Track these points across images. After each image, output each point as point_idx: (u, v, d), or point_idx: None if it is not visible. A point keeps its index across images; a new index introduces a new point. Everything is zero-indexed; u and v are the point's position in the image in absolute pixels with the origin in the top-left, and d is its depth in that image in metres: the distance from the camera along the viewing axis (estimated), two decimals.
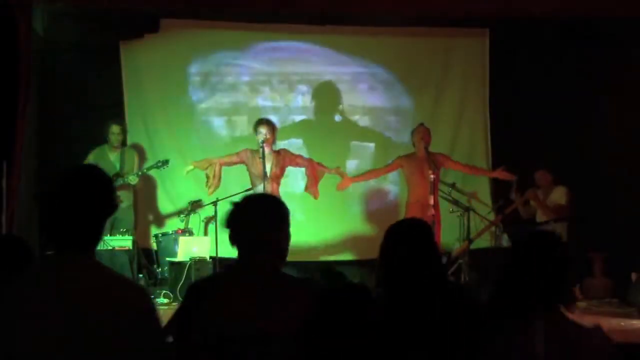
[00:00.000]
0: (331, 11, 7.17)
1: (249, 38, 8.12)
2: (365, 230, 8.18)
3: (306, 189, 7.14)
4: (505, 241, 7.28)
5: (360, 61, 8.27)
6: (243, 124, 8.09)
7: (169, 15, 7.80)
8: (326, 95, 8.26)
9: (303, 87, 8.26)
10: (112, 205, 2.02)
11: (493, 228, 7.37)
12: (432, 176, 6.73)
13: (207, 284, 2.60)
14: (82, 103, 7.44)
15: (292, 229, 2.59)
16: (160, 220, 8.00)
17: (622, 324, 5.93)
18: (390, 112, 8.32)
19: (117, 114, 7.69)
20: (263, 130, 6.77)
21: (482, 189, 7.99)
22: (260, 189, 6.72)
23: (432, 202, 6.74)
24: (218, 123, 8.18)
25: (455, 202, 7.31)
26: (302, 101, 8.27)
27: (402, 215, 7.46)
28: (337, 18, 7.86)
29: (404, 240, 2.69)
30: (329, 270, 2.94)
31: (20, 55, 6.25)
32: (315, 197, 7.13)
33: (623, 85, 7.55)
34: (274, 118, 7.40)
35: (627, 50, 7.47)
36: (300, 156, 7.21)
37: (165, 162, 7.32)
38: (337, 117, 8.34)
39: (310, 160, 7.20)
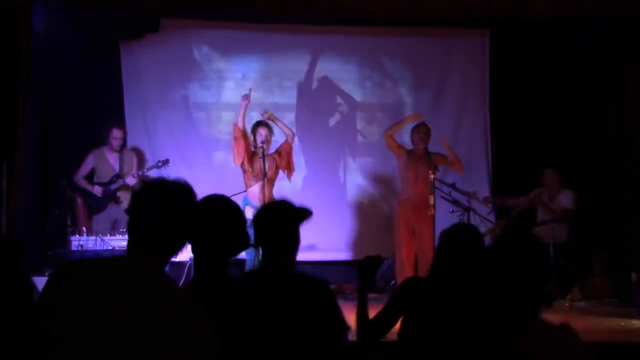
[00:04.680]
0: (331, 11, 7.16)
1: (249, 37, 8.12)
2: (359, 230, 8.19)
3: (282, 169, 6.99)
4: None
5: (359, 61, 8.28)
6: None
7: (169, 15, 7.80)
8: (324, 94, 8.26)
9: (302, 86, 8.25)
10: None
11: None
12: (431, 176, 6.73)
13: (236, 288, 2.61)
14: (82, 103, 7.43)
15: None
16: None
17: (622, 324, 5.92)
18: (390, 112, 8.32)
19: (117, 114, 7.69)
20: (263, 131, 6.78)
21: (482, 189, 7.98)
22: (255, 189, 6.73)
23: (431, 202, 6.75)
24: (219, 122, 8.18)
25: (456, 202, 7.30)
26: (299, 99, 8.27)
27: (393, 214, 7.50)
28: (337, 18, 7.86)
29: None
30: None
31: (20, 55, 6.26)
32: (289, 178, 7.05)
33: (622, 85, 7.55)
34: (275, 115, 7.38)
35: (627, 51, 7.48)
36: (282, 148, 7.06)
37: (166, 162, 7.31)
38: (332, 115, 8.35)
39: (286, 142, 7.08)
